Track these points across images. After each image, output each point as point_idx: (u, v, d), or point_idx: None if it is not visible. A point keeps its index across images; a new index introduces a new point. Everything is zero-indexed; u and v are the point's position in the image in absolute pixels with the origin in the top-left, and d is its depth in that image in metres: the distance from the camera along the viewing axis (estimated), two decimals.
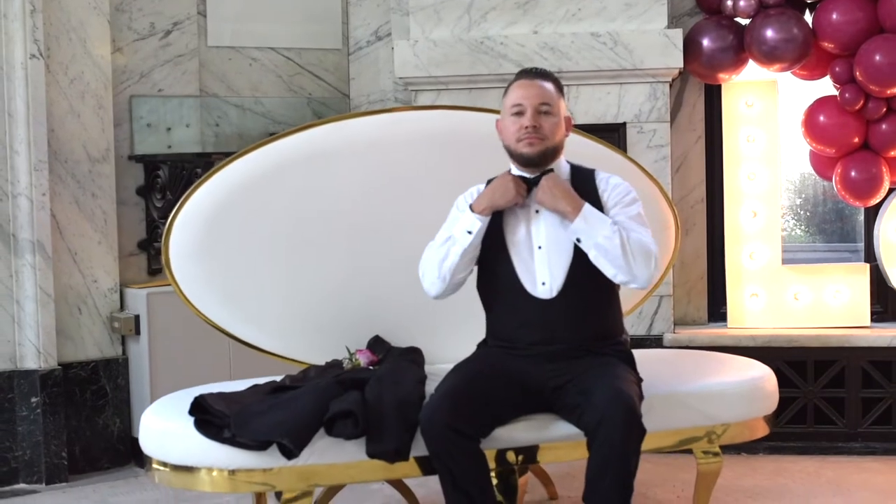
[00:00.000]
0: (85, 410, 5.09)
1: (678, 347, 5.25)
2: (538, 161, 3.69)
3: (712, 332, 5.37)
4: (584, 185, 3.72)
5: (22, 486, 4.89)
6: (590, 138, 4.41)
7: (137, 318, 5.07)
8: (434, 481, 3.60)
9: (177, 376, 4.90)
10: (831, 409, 5.25)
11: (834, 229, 5.96)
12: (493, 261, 3.74)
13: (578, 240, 3.62)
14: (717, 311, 5.60)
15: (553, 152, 3.71)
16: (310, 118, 5.67)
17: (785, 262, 5.44)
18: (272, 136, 4.19)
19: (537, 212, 3.71)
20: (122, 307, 5.18)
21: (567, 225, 3.64)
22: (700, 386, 3.98)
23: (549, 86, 3.73)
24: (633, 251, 3.57)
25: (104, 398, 5.13)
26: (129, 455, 5.18)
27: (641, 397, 3.61)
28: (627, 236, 3.58)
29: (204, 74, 5.48)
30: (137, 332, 5.08)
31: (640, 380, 3.72)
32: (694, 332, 5.38)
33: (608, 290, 3.70)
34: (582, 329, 3.68)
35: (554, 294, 3.68)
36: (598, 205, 3.67)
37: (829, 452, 5.19)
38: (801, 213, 5.92)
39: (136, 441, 5.09)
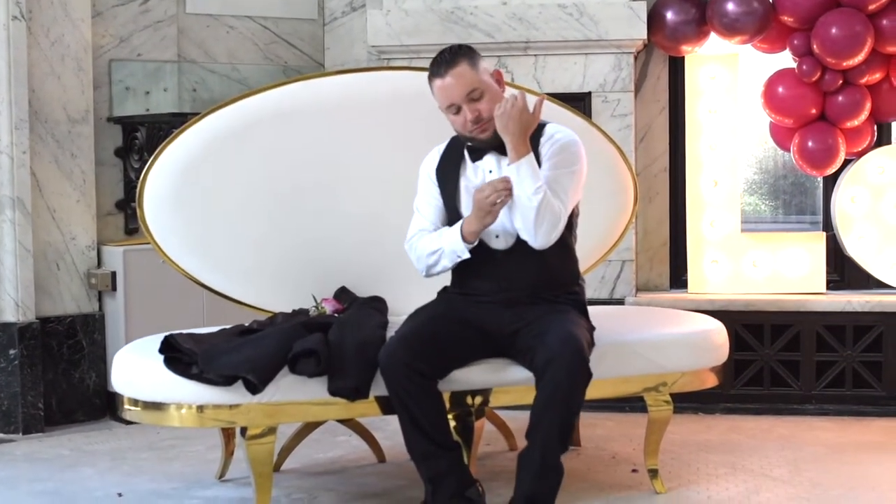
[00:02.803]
0: (62, 364, 5.24)
1: None
2: (495, 141, 3.79)
3: (672, 297, 5.53)
4: (531, 137, 3.78)
5: None
6: (552, 101, 4.56)
7: (114, 274, 5.22)
8: (399, 434, 3.76)
9: (151, 331, 4.89)
10: (787, 371, 5.41)
11: (794, 202, 6.12)
12: (451, 219, 3.89)
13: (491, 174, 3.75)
14: (678, 277, 5.76)
15: None
16: None
17: (745, 231, 5.62)
18: (246, 93, 4.34)
19: (490, 171, 3.85)
20: (100, 264, 5.33)
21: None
22: (652, 335, 4.14)
23: (462, 71, 3.76)
24: (544, 217, 3.68)
25: (80, 352, 5.28)
26: (104, 409, 5.33)
27: (592, 344, 3.78)
28: (547, 202, 3.68)
29: (182, 41, 5.63)
30: (114, 288, 5.23)
31: (593, 328, 3.88)
32: (654, 296, 5.54)
33: (564, 238, 3.84)
34: (536, 278, 3.83)
35: (508, 245, 3.84)
36: (536, 155, 3.76)
37: (784, 413, 5.36)
38: (763, 187, 6.08)
39: (111, 395, 5.26)
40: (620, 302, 5.47)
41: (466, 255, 3.79)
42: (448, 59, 3.79)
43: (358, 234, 4.40)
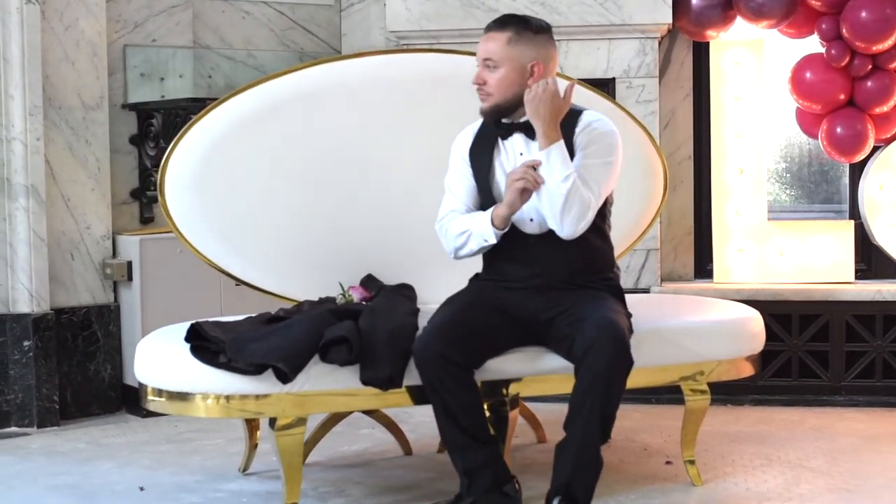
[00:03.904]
0: (76, 356, 5.12)
1: None
2: (490, 115, 3.72)
3: (698, 287, 5.43)
4: (566, 122, 3.69)
5: (14, 429, 4.92)
6: (580, 84, 4.45)
7: (130, 264, 5.11)
8: (425, 426, 3.66)
9: (168, 322, 4.80)
10: (815, 362, 5.31)
11: (819, 191, 6.02)
12: (483, 203, 3.78)
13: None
14: (703, 267, 5.66)
15: (510, 107, 3.71)
16: None
17: (770, 219, 5.51)
18: (267, 76, 4.24)
19: (521, 154, 3.75)
20: (115, 254, 5.21)
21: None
22: (689, 323, 4.05)
23: (499, 36, 3.70)
24: (572, 206, 3.58)
25: (95, 344, 5.16)
26: (119, 402, 5.22)
27: (631, 330, 3.66)
28: (576, 191, 3.58)
29: (197, 26, 5.52)
30: (130, 278, 5.11)
31: (630, 314, 3.77)
32: (680, 286, 5.44)
33: (598, 225, 3.74)
34: (572, 263, 3.72)
35: (543, 229, 3.73)
36: (570, 143, 3.67)
37: (813, 405, 5.25)
38: (786, 175, 5.97)
39: (127, 387, 5.16)
40: (646, 291, 5.36)
41: (493, 241, 3.68)
42: (500, 22, 3.75)
43: (384, 219, 4.29)
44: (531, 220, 3.72)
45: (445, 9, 5.36)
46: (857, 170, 5.53)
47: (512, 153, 3.76)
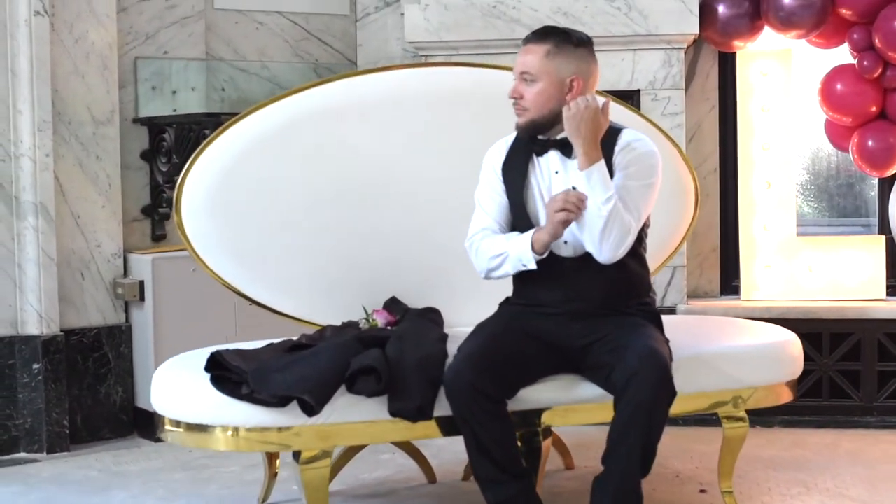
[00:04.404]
0: (87, 378, 4.96)
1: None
2: (526, 131, 3.58)
3: (726, 304, 5.28)
4: (604, 141, 3.54)
5: (23, 454, 4.76)
6: (604, 96, 4.29)
7: (142, 284, 4.95)
8: (448, 451, 3.51)
9: (181, 345, 4.71)
10: (847, 382, 5.16)
11: (846, 204, 5.88)
12: (515, 220, 3.64)
13: (573, 187, 3.50)
14: (729, 283, 5.51)
15: (546, 123, 3.56)
16: None
17: (799, 234, 5.36)
18: (284, 93, 4.09)
19: (557, 172, 3.61)
20: (126, 273, 5.06)
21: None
22: (727, 348, 3.90)
23: (537, 49, 3.56)
24: (612, 229, 3.43)
25: (107, 366, 5.01)
26: (131, 425, 5.07)
27: (671, 358, 3.51)
28: (617, 213, 3.43)
29: (210, 37, 5.37)
30: (142, 298, 4.95)
31: (668, 340, 3.62)
32: (707, 304, 5.30)
33: (635, 248, 3.59)
34: (608, 289, 3.57)
35: (577, 253, 3.58)
36: (609, 163, 3.53)
37: (845, 426, 5.10)
38: (813, 188, 5.83)
39: (138, 411, 5.01)
40: (672, 310, 5.21)
41: (532, 266, 3.52)
42: (539, 34, 3.61)
43: (408, 239, 4.14)
44: (565, 242, 3.57)
45: (465, 19, 5.21)
46: (886, 184, 5.38)
47: (547, 171, 3.61)
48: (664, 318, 4.14)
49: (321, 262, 4.08)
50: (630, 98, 5.21)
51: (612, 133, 3.57)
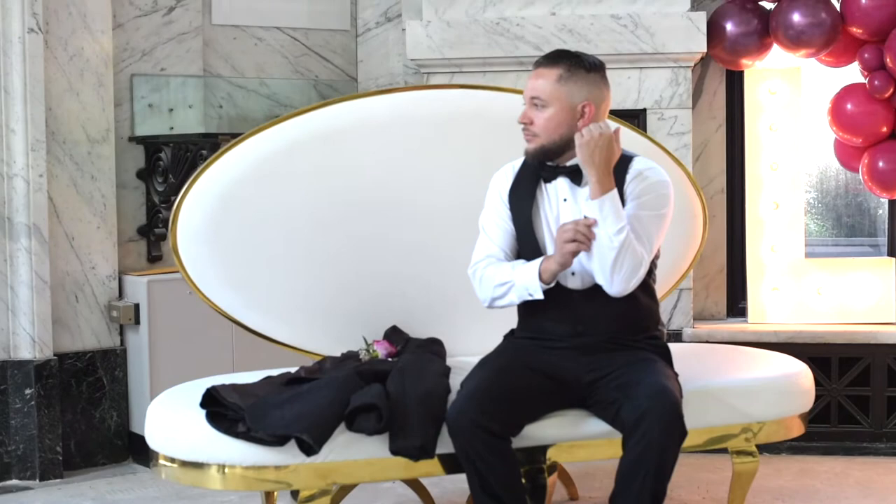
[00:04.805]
0: (81, 403, 4.86)
1: (698, 343, 5.07)
2: (535, 157, 3.48)
3: (733, 328, 5.18)
4: (615, 169, 3.44)
5: (15, 482, 4.66)
6: (612, 119, 4.20)
7: (137, 306, 4.85)
8: (448, 481, 3.41)
9: (177, 369, 4.69)
10: (856, 407, 5.06)
11: (854, 223, 5.78)
12: (522, 248, 3.54)
13: (585, 216, 3.40)
14: (735, 305, 5.42)
15: (556, 149, 3.47)
16: (316, 101, 5.45)
17: (807, 257, 5.25)
18: (285, 115, 3.98)
19: (565, 200, 3.50)
20: (121, 295, 4.95)
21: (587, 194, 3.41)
22: (736, 381, 3.79)
23: (549, 73, 3.46)
24: (623, 263, 3.34)
25: (101, 391, 4.90)
26: (126, 451, 4.96)
27: (681, 395, 3.40)
28: (629, 245, 3.34)
29: (208, 53, 5.26)
30: (137, 321, 4.85)
31: (677, 375, 3.52)
32: (714, 327, 5.19)
33: (645, 280, 3.48)
34: (616, 322, 3.47)
35: (585, 284, 3.48)
36: (620, 192, 3.43)
37: (854, 453, 5.01)
38: (820, 206, 5.73)
39: (133, 436, 4.91)
40: (678, 333, 5.11)
41: (539, 296, 3.42)
42: (551, 57, 3.50)
43: (410, 266, 4.03)
44: (573, 273, 3.47)
45: (469, 36, 5.11)
46: (895, 204, 5.28)
47: (555, 199, 3.51)
48: (674, 347, 4.05)
49: (319, 289, 3.98)
50: (636, 117, 5.11)
51: (624, 161, 3.47)
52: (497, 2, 5.14)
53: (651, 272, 3.55)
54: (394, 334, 3.94)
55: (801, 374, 3.92)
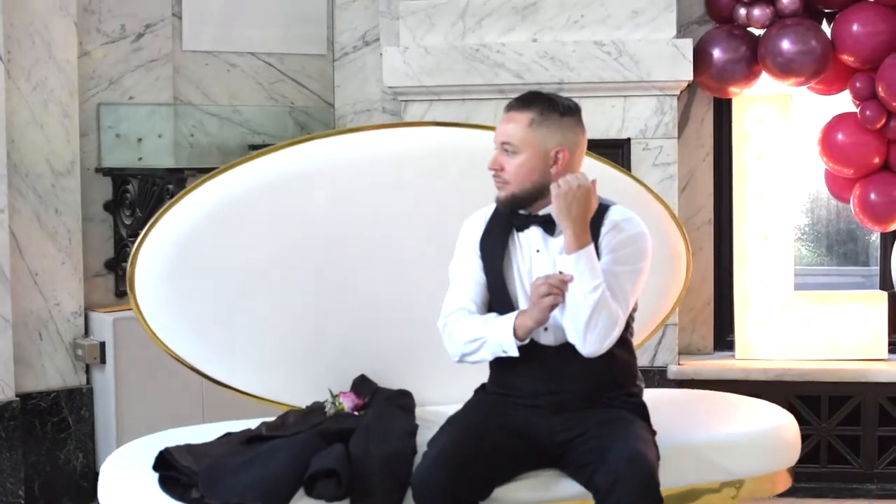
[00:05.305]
0: (45, 444, 4.71)
1: (684, 380, 4.94)
2: (507, 205, 3.32)
3: (720, 365, 5.05)
4: (591, 220, 3.26)
5: None
6: (593, 157, 4.03)
7: (103, 345, 4.70)
8: None
9: (144, 409, 4.56)
10: (846, 447, 4.92)
11: (846, 251, 5.63)
12: (493, 300, 3.38)
13: (560, 272, 3.24)
14: (723, 339, 5.28)
15: (529, 197, 3.30)
16: (291, 128, 5.31)
17: (797, 286, 5.10)
18: (248, 156, 3.83)
19: (538, 251, 3.34)
20: (87, 333, 4.81)
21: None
22: (718, 436, 3.63)
23: (520, 118, 3.29)
24: (598, 322, 3.17)
25: (66, 431, 4.76)
26: (92, 492, 4.78)
27: (658, 458, 3.23)
28: (604, 303, 3.18)
29: (178, 81, 5.09)
30: (103, 360, 4.70)
31: (654, 433, 3.36)
32: (700, 364, 5.05)
33: (622, 335, 3.32)
34: (591, 380, 3.30)
35: (558, 340, 3.32)
36: (595, 243, 3.25)
37: (844, 495, 4.88)
38: (812, 234, 5.58)
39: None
40: (663, 370, 4.96)
41: (514, 353, 3.26)
42: (523, 101, 3.32)
43: (381, 312, 3.86)
44: (545, 329, 3.30)
45: (447, 63, 4.96)
46: (888, 237, 5.13)
47: (528, 249, 3.34)
48: (653, 393, 3.89)
49: (284, 337, 3.81)
50: (620, 147, 4.97)
51: (600, 210, 3.30)
52: (477, 28, 4.99)
53: (628, 325, 3.39)
54: (362, 384, 3.78)
55: (786, 425, 3.76)
